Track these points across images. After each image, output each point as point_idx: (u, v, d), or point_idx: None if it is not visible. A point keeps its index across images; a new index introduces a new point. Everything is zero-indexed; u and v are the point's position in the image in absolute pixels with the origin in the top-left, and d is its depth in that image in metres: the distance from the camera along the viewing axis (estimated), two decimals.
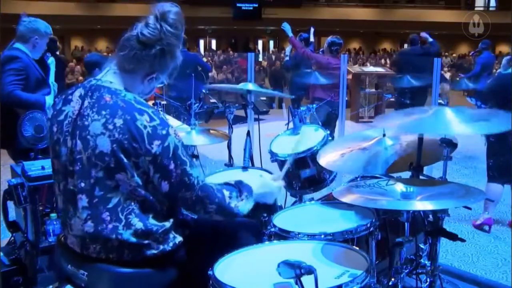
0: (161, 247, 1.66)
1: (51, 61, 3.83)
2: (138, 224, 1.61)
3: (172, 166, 1.59)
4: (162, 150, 1.57)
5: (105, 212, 1.59)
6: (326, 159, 2.35)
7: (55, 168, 1.72)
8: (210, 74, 13.58)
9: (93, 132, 1.57)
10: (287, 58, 9.11)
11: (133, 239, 1.61)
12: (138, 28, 1.62)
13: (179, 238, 1.71)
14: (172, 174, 1.60)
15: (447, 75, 14.67)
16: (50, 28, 3.61)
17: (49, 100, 3.46)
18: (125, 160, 1.56)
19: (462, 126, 1.86)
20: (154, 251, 1.65)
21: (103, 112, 1.58)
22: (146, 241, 1.63)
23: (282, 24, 6.10)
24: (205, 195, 1.67)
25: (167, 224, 1.68)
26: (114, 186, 1.58)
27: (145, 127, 1.56)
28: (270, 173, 2.51)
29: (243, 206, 1.77)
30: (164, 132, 1.58)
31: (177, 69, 1.72)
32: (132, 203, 1.60)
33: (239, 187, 1.80)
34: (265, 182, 1.99)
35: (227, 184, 1.80)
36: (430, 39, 7.04)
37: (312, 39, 7.31)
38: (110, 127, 1.56)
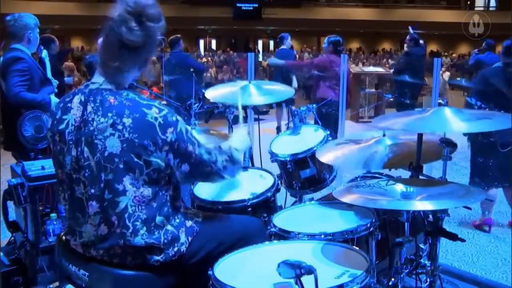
0: (166, 254, 1.66)
1: (44, 54, 3.84)
2: (142, 230, 1.61)
3: (190, 148, 1.65)
4: (177, 135, 1.61)
5: (113, 216, 1.60)
6: (324, 157, 2.35)
7: (59, 178, 1.72)
8: (210, 74, 13.59)
9: (101, 135, 1.57)
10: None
11: (141, 243, 1.61)
12: (120, 32, 1.57)
13: (183, 247, 1.70)
14: (191, 156, 1.66)
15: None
16: (36, 18, 3.60)
17: (54, 99, 3.46)
18: (135, 159, 1.56)
19: (462, 124, 1.87)
20: (158, 258, 1.65)
21: (109, 114, 1.57)
22: (151, 248, 1.63)
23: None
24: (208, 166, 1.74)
25: (172, 230, 1.68)
26: (122, 190, 1.58)
27: (155, 119, 1.58)
28: (270, 173, 2.52)
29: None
30: (174, 118, 1.62)
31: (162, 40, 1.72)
32: (137, 210, 1.60)
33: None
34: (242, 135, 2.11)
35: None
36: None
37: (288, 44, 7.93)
38: (119, 127, 1.56)
